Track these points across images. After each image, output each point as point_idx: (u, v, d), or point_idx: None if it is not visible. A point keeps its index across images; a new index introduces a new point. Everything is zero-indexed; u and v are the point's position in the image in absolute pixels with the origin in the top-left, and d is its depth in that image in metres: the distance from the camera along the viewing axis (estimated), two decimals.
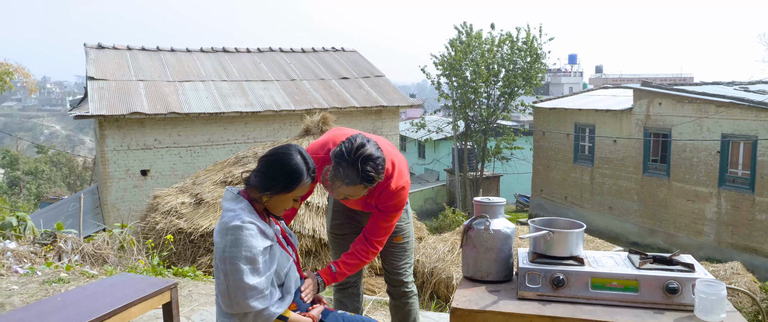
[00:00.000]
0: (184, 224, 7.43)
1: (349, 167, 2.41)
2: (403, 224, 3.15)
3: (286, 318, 2.23)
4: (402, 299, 3.24)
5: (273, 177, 2.22)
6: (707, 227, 15.82)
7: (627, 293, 2.31)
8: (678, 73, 64.61)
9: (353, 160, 2.40)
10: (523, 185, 26.24)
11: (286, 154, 2.24)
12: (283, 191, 2.23)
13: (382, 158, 2.49)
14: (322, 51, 17.76)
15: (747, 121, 14.46)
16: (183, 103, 12.91)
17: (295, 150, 2.27)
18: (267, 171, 2.23)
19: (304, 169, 2.24)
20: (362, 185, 2.46)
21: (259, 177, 2.24)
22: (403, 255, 3.18)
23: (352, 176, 2.41)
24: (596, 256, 2.60)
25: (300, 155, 2.26)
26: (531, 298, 2.38)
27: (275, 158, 2.24)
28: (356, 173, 2.41)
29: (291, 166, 2.22)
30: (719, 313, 2.14)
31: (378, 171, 2.47)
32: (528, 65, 21.90)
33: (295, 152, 2.26)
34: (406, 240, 3.18)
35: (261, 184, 2.23)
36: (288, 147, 2.28)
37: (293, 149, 2.27)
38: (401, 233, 3.15)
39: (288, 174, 2.22)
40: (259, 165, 2.27)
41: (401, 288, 3.21)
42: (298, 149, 2.28)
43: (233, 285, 2.09)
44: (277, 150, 2.27)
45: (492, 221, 2.62)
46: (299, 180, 2.23)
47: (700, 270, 2.37)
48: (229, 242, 2.10)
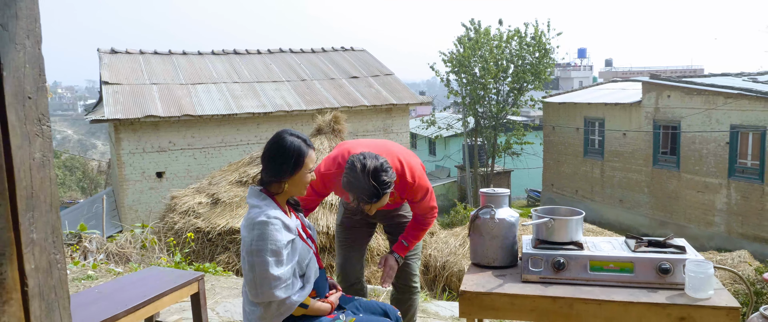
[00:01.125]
0: (202, 224, 7.66)
1: (366, 189, 2.56)
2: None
3: (306, 306, 2.42)
4: (406, 294, 3.35)
5: (279, 164, 2.39)
6: (717, 218, 15.88)
7: (623, 274, 2.48)
8: (688, 65, 64.31)
9: (365, 180, 2.56)
10: (534, 180, 26.33)
11: (280, 138, 2.41)
12: (297, 169, 2.40)
13: (384, 162, 2.64)
14: (332, 51, 17.96)
15: (756, 112, 14.51)
16: (196, 106, 13.16)
17: (284, 133, 2.43)
18: (272, 161, 2.41)
19: (302, 143, 2.41)
20: (386, 194, 2.62)
21: (269, 171, 2.41)
22: (411, 253, 3.30)
23: (374, 193, 2.57)
24: (595, 241, 2.78)
25: (289, 134, 2.42)
26: (534, 281, 2.56)
27: (273, 147, 2.41)
28: (375, 189, 2.56)
29: (290, 146, 2.39)
30: (707, 290, 2.31)
31: (390, 175, 2.62)
32: (537, 60, 21.99)
33: (285, 134, 2.42)
34: None
35: (273, 175, 2.40)
36: (276, 135, 2.44)
37: (282, 133, 2.43)
38: None
39: (292, 153, 2.39)
40: (263, 162, 2.44)
41: (408, 284, 3.32)
42: (286, 131, 2.44)
43: (259, 276, 2.27)
44: (269, 142, 2.43)
45: (497, 210, 2.80)
46: (304, 154, 2.41)
47: (691, 252, 2.54)
48: (255, 236, 2.29)
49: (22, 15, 0.80)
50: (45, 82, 0.80)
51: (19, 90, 0.80)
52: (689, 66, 63.35)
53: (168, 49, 16.14)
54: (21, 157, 0.80)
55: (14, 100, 0.79)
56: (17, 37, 0.79)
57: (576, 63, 60.29)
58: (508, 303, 2.46)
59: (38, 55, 0.82)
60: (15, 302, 0.80)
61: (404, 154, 2.99)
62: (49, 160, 0.84)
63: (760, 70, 22.35)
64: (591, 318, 2.40)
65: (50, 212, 0.86)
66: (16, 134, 0.80)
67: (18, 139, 0.80)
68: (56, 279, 0.86)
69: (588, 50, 62.26)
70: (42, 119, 0.82)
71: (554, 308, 2.41)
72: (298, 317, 2.41)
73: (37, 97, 0.82)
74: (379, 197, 2.60)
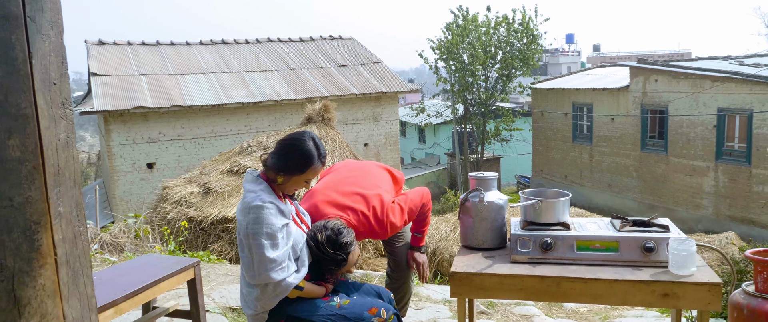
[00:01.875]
0: (194, 213, 7.69)
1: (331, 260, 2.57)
2: None
3: (302, 288, 2.48)
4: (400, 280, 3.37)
5: (288, 160, 2.46)
6: (705, 201, 16.07)
7: (608, 253, 2.56)
8: (676, 50, 64.61)
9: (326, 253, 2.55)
10: (524, 166, 26.47)
11: (300, 139, 2.48)
12: (296, 173, 2.47)
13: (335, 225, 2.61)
14: (320, 39, 17.94)
15: (742, 95, 14.66)
16: (185, 96, 13.14)
17: (309, 136, 2.50)
18: (283, 154, 2.47)
19: (316, 154, 2.48)
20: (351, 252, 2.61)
21: (275, 159, 2.47)
22: (404, 235, 3.32)
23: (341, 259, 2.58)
24: (581, 222, 2.85)
25: (313, 142, 2.49)
26: (522, 261, 2.63)
27: (290, 143, 2.48)
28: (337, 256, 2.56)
29: (304, 151, 2.46)
30: (690, 267, 2.39)
31: (346, 235, 2.60)
32: (525, 47, 22.05)
33: (309, 139, 2.49)
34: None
35: (277, 165, 2.47)
36: (303, 133, 2.51)
37: (307, 136, 2.50)
38: None
39: (301, 158, 2.45)
40: (276, 148, 2.51)
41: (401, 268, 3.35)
42: (311, 136, 2.51)
43: (256, 258, 2.34)
44: (292, 135, 2.51)
45: (486, 193, 2.86)
46: (311, 164, 2.47)
47: (674, 231, 2.62)
48: (251, 220, 2.35)
49: (47, 8, 0.88)
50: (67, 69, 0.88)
51: (46, 76, 0.88)
52: (677, 50, 63.65)
53: (156, 40, 16.07)
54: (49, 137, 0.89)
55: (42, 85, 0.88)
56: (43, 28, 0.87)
57: (564, 49, 60.41)
58: (498, 283, 2.53)
59: (61, 44, 0.91)
60: (49, 266, 0.89)
61: (368, 184, 2.95)
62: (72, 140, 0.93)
63: (747, 52, 22.53)
64: (577, 296, 2.47)
65: (74, 188, 0.94)
66: (44, 117, 0.88)
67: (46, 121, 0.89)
68: (80, 249, 0.95)
69: (576, 36, 62.42)
70: (65, 103, 0.91)
71: (542, 287, 2.48)
72: (294, 299, 2.48)
73: (60, 83, 0.91)
74: (346, 260, 2.59)
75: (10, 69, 0.84)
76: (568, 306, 4.82)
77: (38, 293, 0.89)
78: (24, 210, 0.87)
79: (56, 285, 0.90)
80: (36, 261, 0.88)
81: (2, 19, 0.83)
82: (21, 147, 0.86)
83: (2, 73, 0.83)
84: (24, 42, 0.85)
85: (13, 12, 0.83)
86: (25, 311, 0.87)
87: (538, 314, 4.38)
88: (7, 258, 0.85)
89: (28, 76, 0.86)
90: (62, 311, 0.91)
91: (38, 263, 0.88)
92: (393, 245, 3.35)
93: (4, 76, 0.83)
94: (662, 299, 2.38)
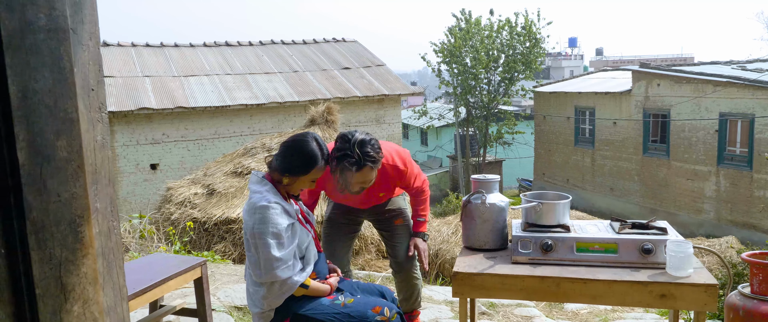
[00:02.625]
0: (198, 214, 7.75)
1: (351, 156, 2.67)
2: (402, 207, 3.42)
3: (307, 286, 2.54)
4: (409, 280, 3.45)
5: (292, 161, 2.51)
6: (707, 205, 16.10)
7: (607, 255, 2.61)
8: (678, 54, 64.60)
9: (351, 148, 2.67)
10: (526, 169, 26.53)
11: (303, 140, 2.53)
12: (301, 173, 2.53)
13: (374, 139, 2.79)
14: (324, 42, 18.01)
15: (744, 100, 14.70)
16: (189, 98, 13.21)
17: (312, 137, 2.56)
18: (287, 155, 2.53)
19: (319, 154, 2.53)
20: (368, 166, 2.70)
21: (280, 161, 2.53)
22: (405, 236, 3.39)
23: (356, 163, 2.67)
24: (581, 224, 2.90)
25: (316, 142, 2.55)
26: (523, 262, 2.68)
27: (294, 144, 2.54)
28: (358, 158, 2.67)
29: (307, 151, 2.52)
30: (687, 269, 2.44)
31: (376, 150, 2.73)
32: (527, 50, 22.11)
33: (312, 139, 2.55)
34: (406, 223, 3.40)
35: (281, 167, 2.53)
36: (306, 135, 2.57)
37: (310, 137, 2.56)
38: (402, 215, 3.39)
39: (305, 158, 2.51)
40: (280, 150, 2.56)
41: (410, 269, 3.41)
42: (314, 137, 2.57)
43: (262, 257, 2.40)
44: (296, 137, 2.56)
45: (488, 195, 2.91)
46: (315, 164, 2.53)
47: (672, 233, 2.67)
48: (257, 220, 2.41)
49: (86, 20, 0.97)
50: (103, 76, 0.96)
51: (86, 83, 0.97)
52: (679, 54, 63.66)
53: (160, 42, 16.16)
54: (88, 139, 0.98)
55: (82, 91, 0.96)
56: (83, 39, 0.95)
57: (567, 52, 60.46)
58: (499, 283, 2.58)
59: (98, 53, 1.00)
60: (90, 257, 0.98)
61: (389, 146, 3.14)
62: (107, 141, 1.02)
63: (750, 57, 22.56)
64: (577, 296, 2.53)
65: (108, 185, 1.03)
66: (84, 120, 0.97)
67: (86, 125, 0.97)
68: (114, 242, 1.04)
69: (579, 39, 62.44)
70: (101, 108, 1.00)
71: (542, 287, 2.54)
72: (300, 297, 2.53)
73: (97, 89, 0.99)
74: (361, 168, 2.67)
75: (59, 77, 0.92)
76: (568, 308, 4.87)
77: (81, 281, 0.97)
78: (70, 205, 0.96)
79: (96, 274, 0.99)
80: (79, 251, 0.97)
81: (52, 32, 0.91)
82: (67, 148, 0.95)
83: (52, 81, 0.92)
84: (70, 52, 0.93)
85: (61, 25, 0.92)
86: (70, 297, 0.96)
87: (538, 316, 4.43)
88: (55, 248, 0.94)
89: (73, 84, 0.94)
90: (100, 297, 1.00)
91: (81, 253, 0.97)
92: (394, 245, 3.41)
93: (54, 84, 0.92)
94: (660, 299, 2.43)
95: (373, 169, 2.74)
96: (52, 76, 0.92)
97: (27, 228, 0.90)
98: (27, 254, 0.91)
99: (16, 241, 0.90)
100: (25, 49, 0.89)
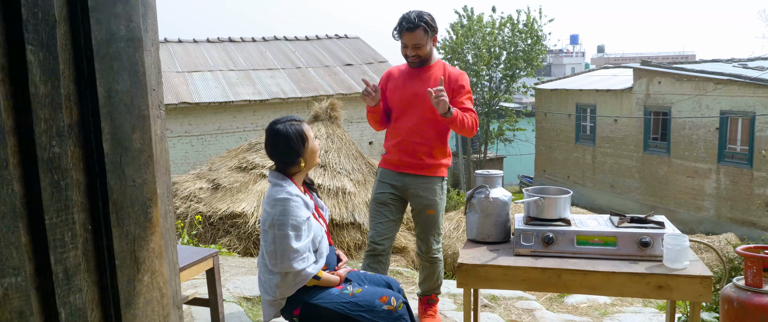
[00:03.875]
0: (204, 208, 7.84)
1: (410, 17, 3.31)
2: (437, 199, 3.55)
3: (319, 277, 2.64)
4: (431, 263, 3.69)
5: (288, 150, 2.61)
6: (707, 203, 16.19)
7: (607, 248, 2.70)
8: (680, 51, 64.61)
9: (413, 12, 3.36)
10: (526, 166, 26.61)
11: (275, 132, 2.61)
12: (303, 145, 2.62)
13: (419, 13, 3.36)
14: (326, 38, 18.08)
15: (745, 98, 14.77)
16: (193, 93, 13.30)
17: (274, 124, 2.64)
18: (280, 152, 2.62)
19: (292, 123, 2.62)
20: (422, 29, 3.31)
21: (278, 161, 2.64)
22: (433, 225, 3.59)
23: (413, 21, 3.29)
24: (582, 218, 2.99)
25: (278, 123, 2.63)
26: (525, 254, 2.77)
27: (275, 141, 2.61)
28: (415, 17, 3.31)
29: (285, 132, 2.60)
30: (683, 261, 2.53)
31: (432, 19, 3.38)
32: (529, 47, 22.20)
33: (276, 125, 2.62)
34: (437, 213, 3.58)
35: (284, 162, 2.63)
36: (270, 129, 2.64)
37: (273, 125, 2.64)
38: (434, 206, 3.55)
39: (291, 137, 2.60)
40: (272, 155, 2.65)
41: (430, 253, 3.64)
42: (275, 123, 2.65)
43: (280, 248, 2.49)
44: (269, 137, 2.64)
45: (491, 190, 3.00)
46: (300, 130, 2.62)
47: (669, 227, 2.76)
48: (278, 212, 2.50)
49: (150, 28, 1.12)
50: (161, 78, 1.07)
51: (150, 84, 1.12)
52: (681, 52, 63.67)
53: (164, 37, 16.23)
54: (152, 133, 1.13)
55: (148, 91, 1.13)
56: (147, 46, 1.10)
57: (568, 49, 60.51)
58: (502, 274, 2.67)
59: (157, 58, 1.15)
60: (157, 234, 1.14)
61: None
62: (165, 135, 1.17)
63: (751, 55, 22.61)
64: (577, 287, 2.62)
65: (166, 174, 1.18)
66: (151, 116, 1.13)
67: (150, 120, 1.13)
68: (170, 224, 1.19)
69: (580, 36, 62.54)
70: (160, 105, 1.16)
71: (543, 278, 2.63)
72: (310, 287, 2.63)
73: (157, 89, 1.14)
74: (414, 29, 3.31)
75: (134, 80, 1.08)
76: (568, 301, 4.96)
77: (150, 255, 1.13)
78: (142, 189, 1.11)
79: (160, 249, 1.15)
80: (149, 229, 1.13)
81: (130, 41, 1.06)
82: (141, 140, 1.11)
83: (129, 83, 1.08)
84: (142, 58, 1.09)
85: (137, 35, 1.08)
86: (142, 268, 1.12)
87: (539, 309, 4.52)
88: (130, 226, 1.09)
89: (144, 85, 1.10)
90: (164, 270, 1.17)
91: (150, 231, 1.13)
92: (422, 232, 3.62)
93: (130, 85, 1.08)
94: (657, 290, 2.52)
95: (426, 33, 3.36)
96: (129, 79, 1.07)
97: (109, 209, 1.05)
98: (109, 231, 1.06)
99: (100, 220, 1.05)
100: (109, 56, 1.04)
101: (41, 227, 0.94)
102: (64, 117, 0.97)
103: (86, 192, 1.02)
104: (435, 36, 3.46)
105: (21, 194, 0.91)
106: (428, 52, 3.45)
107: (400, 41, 3.41)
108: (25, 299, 0.92)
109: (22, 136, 0.91)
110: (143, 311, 1.11)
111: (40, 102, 0.92)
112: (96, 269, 1.05)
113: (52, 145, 0.94)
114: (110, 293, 1.06)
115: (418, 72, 3.51)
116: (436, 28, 3.43)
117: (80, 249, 1.00)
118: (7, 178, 0.89)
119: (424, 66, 3.51)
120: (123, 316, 1.07)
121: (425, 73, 3.49)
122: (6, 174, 0.88)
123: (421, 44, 3.37)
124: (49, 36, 0.93)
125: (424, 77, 3.48)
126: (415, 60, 3.44)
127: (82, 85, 1.00)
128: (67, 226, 0.97)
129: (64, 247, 0.97)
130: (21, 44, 0.90)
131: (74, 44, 0.98)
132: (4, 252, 0.88)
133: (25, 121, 0.91)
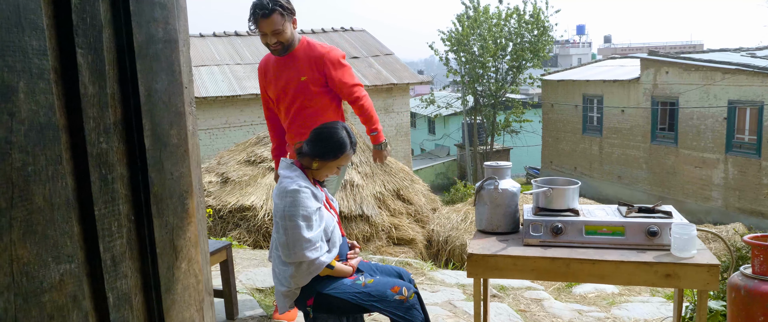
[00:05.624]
0: (213, 202, 7.93)
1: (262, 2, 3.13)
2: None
3: (332, 267, 2.71)
4: None
5: (323, 147, 2.68)
6: (715, 193, 16.18)
7: (615, 237, 2.76)
8: (688, 41, 64.24)
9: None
10: (533, 158, 26.61)
11: (334, 128, 2.71)
12: (331, 158, 2.70)
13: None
14: (332, 31, 18.11)
15: (753, 87, 14.73)
16: (200, 87, 13.37)
17: (341, 126, 2.74)
18: (318, 141, 2.70)
19: (348, 142, 2.71)
20: (277, 13, 3.15)
21: (311, 146, 2.70)
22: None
23: (266, 6, 3.12)
24: (590, 208, 3.05)
25: (345, 131, 2.72)
26: (534, 244, 2.83)
27: (325, 131, 2.71)
28: (268, 2, 3.12)
29: (337, 138, 2.69)
30: (691, 250, 2.59)
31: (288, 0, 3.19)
32: (535, 38, 22.14)
33: (341, 128, 2.72)
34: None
35: (313, 152, 2.70)
36: (336, 123, 2.75)
37: (340, 125, 2.74)
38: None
39: (336, 145, 2.69)
40: (311, 136, 2.73)
41: None
42: (343, 126, 2.75)
43: (292, 238, 2.56)
44: (327, 125, 2.74)
45: (500, 181, 3.06)
46: (344, 150, 2.70)
47: (677, 217, 2.82)
48: (288, 203, 2.57)
49: (182, 30, 1.18)
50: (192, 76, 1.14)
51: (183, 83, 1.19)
52: (689, 41, 63.30)
53: None
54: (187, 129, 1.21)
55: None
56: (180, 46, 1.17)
57: (575, 40, 60.27)
58: (511, 264, 2.74)
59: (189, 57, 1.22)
60: (193, 224, 1.22)
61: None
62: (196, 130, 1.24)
63: (760, 44, 22.50)
64: (586, 276, 2.68)
65: (197, 167, 1.25)
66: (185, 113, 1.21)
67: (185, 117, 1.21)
68: (201, 215, 1.27)
69: (587, 27, 62.24)
70: (191, 102, 1.22)
71: (553, 268, 2.69)
72: (324, 277, 2.70)
73: (189, 87, 1.21)
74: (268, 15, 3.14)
75: (171, 79, 1.15)
76: (576, 291, 5.02)
77: (187, 243, 1.20)
78: (180, 182, 1.18)
79: (196, 238, 1.22)
80: (185, 219, 1.19)
81: (167, 43, 1.13)
82: (178, 135, 1.17)
83: (167, 82, 1.14)
84: (179, 58, 1.16)
85: (173, 37, 1.15)
86: (180, 256, 1.19)
87: (547, 298, 4.59)
88: (169, 216, 1.16)
89: (180, 84, 1.17)
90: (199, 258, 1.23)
91: (187, 221, 1.20)
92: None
93: (168, 84, 1.14)
94: (664, 279, 2.58)
95: (282, 16, 3.19)
96: (167, 78, 1.13)
97: (150, 200, 1.11)
98: (150, 221, 1.12)
99: (142, 210, 1.11)
100: (149, 56, 1.10)
101: (91, 218, 1.01)
102: (110, 115, 1.03)
103: (129, 185, 1.09)
104: (294, 18, 3.31)
105: (73, 187, 0.98)
106: (290, 36, 3.29)
107: (258, 30, 3.25)
108: (78, 284, 0.99)
109: (73, 134, 0.98)
110: (181, 296, 1.18)
111: (90, 101, 0.99)
112: (139, 256, 1.11)
113: (100, 141, 1.01)
114: (152, 279, 1.13)
115: (285, 60, 3.42)
116: (293, 9, 3.27)
117: (125, 238, 1.07)
118: (61, 172, 0.95)
119: (290, 52, 3.39)
120: (163, 301, 1.14)
121: (292, 60, 3.41)
122: (60, 169, 0.95)
123: (280, 30, 3.21)
124: (97, 39, 0.99)
125: (291, 65, 3.42)
126: (278, 47, 3.30)
127: (125, 85, 1.06)
128: (113, 217, 1.04)
129: (111, 236, 1.04)
130: (71, 48, 0.96)
131: (117, 47, 1.05)
132: (59, 241, 0.95)
133: (76, 119, 0.98)
